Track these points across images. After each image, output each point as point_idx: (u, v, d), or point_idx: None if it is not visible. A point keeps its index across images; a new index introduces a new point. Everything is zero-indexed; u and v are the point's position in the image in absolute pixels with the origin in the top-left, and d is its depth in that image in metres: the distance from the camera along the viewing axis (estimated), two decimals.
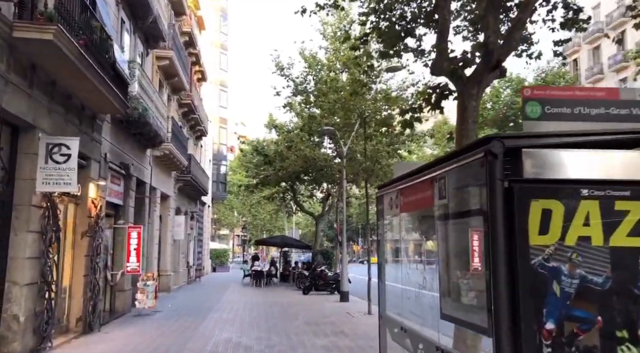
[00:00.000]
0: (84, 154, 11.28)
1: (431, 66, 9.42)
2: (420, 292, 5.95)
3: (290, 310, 16.20)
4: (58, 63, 8.36)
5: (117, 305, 14.81)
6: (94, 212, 11.73)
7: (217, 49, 43.27)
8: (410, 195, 6.02)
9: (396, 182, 6.58)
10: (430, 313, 5.65)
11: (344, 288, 19.00)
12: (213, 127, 41.33)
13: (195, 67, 29.49)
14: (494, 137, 3.91)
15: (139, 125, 14.28)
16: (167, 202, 22.54)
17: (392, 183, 6.85)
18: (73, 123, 10.41)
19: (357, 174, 23.27)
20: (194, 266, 31.89)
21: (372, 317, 14.16)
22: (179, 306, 17.09)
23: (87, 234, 11.50)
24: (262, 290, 24.48)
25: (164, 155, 19.02)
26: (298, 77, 22.23)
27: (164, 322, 13.26)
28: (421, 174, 5.62)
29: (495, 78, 9.61)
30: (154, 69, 18.66)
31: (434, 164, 5.30)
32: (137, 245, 14.82)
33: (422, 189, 5.56)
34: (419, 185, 5.69)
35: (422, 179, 5.56)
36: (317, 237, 29.83)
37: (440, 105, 10.23)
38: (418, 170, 5.85)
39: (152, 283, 14.96)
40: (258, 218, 56.02)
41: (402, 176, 6.37)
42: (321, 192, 31.95)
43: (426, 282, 5.82)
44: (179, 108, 24.52)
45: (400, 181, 6.36)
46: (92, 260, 11.57)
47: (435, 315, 5.43)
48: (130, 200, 15.39)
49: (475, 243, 4.58)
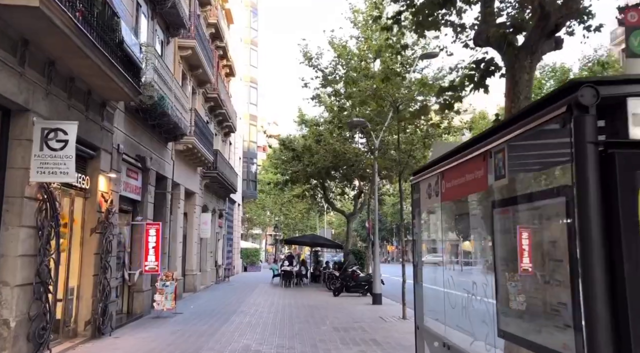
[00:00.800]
0: (93, 144, 10.45)
1: (475, 35, 8.15)
2: (469, 300, 4.73)
3: (318, 313, 15.09)
4: (51, 37, 7.46)
5: (135, 306, 14.00)
6: (104, 207, 10.88)
7: (247, 45, 42.55)
8: (455, 177, 4.80)
9: (437, 164, 5.37)
10: (483, 327, 4.43)
11: (376, 290, 17.78)
12: (243, 124, 40.66)
13: (223, 61, 28.71)
14: (584, 81, 2.70)
15: (156, 116, 13.42)
16: (192, 199, 21.75)
17: (431, 165, 5.64)
18: (77, 108, 9.54)
19: (390, 169, 22.00)
20: (223, 265, 31.16)
21: (407, 323, 12.93)
22: (201, 307, 16.20)
23: (97, 230, 10.65)
24: (291, 291, 23.44)
25: (186, 150, 18.19)
26: (327, 68, 21.08)
27: (181, 326, 12.34)
28: (471, 148, 4.40)
29: (550, 49, 8.22)
30: (176, 59, 17.85)
31: (489, 133, 4.08)
32: (156, 243, 14.01)
33: (472, 168, 4.34)
34: (467, 164, 4.47)
35: (472, 156, 4.34)
36: (348, 236, 28.62)
37: (485, 84, 8.93)
38: (466, 145, 4.62)
39: (172, 284, 14.08)
40: (289, 217, 55.16)
41: (444, 155, 5.15)
42: (352, 190, 30.75)
43: (476, 288, 4.60)
44: (205, 102, 23.73)
45: (443, 161, 5.15)
46: (102, 259, 10.71)
47: (489, 331, 4.22)
48: (149, 196, 14.57)
49: (550, 237, 3.35)
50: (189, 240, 21.53)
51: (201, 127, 19.69)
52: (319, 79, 21.51)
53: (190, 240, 21.62)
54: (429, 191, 5.66)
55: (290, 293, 21.78)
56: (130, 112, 12.64)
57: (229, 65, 29.83)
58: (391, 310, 15.76)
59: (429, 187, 5.65)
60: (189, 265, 21.43)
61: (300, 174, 24.79)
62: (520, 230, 3.69)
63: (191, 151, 18.60)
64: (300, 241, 35.47)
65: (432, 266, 5.90)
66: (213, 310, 15.65)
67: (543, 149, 3.49)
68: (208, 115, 24.55)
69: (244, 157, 40.79)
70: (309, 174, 24.37)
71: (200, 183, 22.84)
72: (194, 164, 20.84)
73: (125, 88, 10.20)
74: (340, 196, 33.01)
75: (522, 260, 3.65)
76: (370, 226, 23.31)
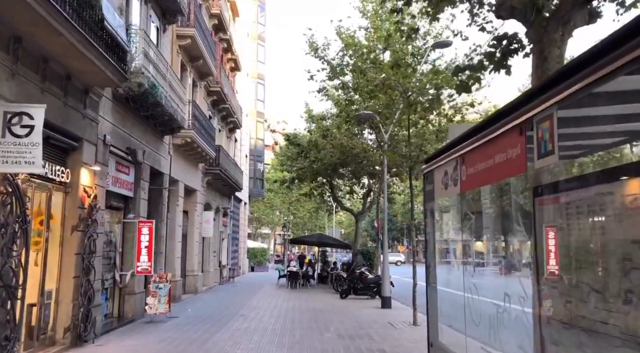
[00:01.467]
0: (74, 134, 9.55)
1: (497, 5, 7.13)
2: (499, 313, 3.72)
3: (323, 318, 14.10)
4: (10, 7, 6.54)
5: (127, 309, 13.10)
6: (87, 203, 9.98)
7: (254, 40, 41.65)
8: (480, 160, 3.78)
9: (455, 146, 4.35)
10: (519, 346, 3.45)
11: (386, 293, 16.74)
12: (250, 121, 39.77)
13: (227, 55, 27.81)
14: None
15: (148, 106, 12.50)
16: (193, 196, 20.85)
17: (447, 149, 4.62)
18: (53, 93, 8.63)
19: (400, 166, 20.94)
20: (228, 266, 30.27)
21: (419, 329, 11.91)
22: (199, 311, 15.28)
23: (78, 228, 9.75)
24: (296, 292, 22.46)
25: (185, 144, 17.28)
26: (334, 59, 20.06)
27: (173, 332, 11.42)
28: (502, 121, 3.39)
29: (584, 22, 7.15)
30: (174, 49, 16.94)
31: (527, 97, 3.07)
32: (149, 242, 13.13)
33: (505, 146, 3.32)
34: (497, 142, 3.45)
35: (504, 130, 3.33)
36: (357, 235, 27.57)
37: (507, 64, 7.91)
38: (495, 117, 3.61)
39: (165, 286, 13.17)
40: (297, 216, 54.19)
41: (465, 134, 4.13)
42: (361, 188, 29.72)
43: (509, 300, 3.60)
44: (208, 96, 22.82)
45: (463, 142, 4.14)
46: (84, 259, 9.80)
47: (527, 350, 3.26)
48: (142, 192, 13.66)
49: (629, 234, 2.34)
50: (190, 240, 20.64)
51: (201, 120, 18.79)
52: (325, 70, 20.54)
53: (191, 240, 20.72)
54: (444, 180, 4.65)
55: (295, 296, 20.81)
56: (118, 100, 11.73)
57: (233, 59, 28.93)
58: (401, 315, 14.74)
59: (444, 176, 4.64)
60: (189, 266, 20.54)
61: (306, 171, 23.80)
62: (574, 221, 2.68)
63: (190, 146, 17.69)
64: (306, 240, 34.45)
65: (449, 269, 4.90)
66: (211, 313, 14.72)
67: (618, 108, 2.48)
68: (211, 110, 23.66)
69: (250, 155, 39.90)
70: (316, 170, 23.36)
71: (202, 181, 21.93)
72: (195, 160, 19.93)
73: (107, 72, 9.29)
74: (349, 195, 31.99)
75: (579, 259, 2.65)
76: (379, 225, 22.27)
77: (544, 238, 2.95)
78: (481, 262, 4.36)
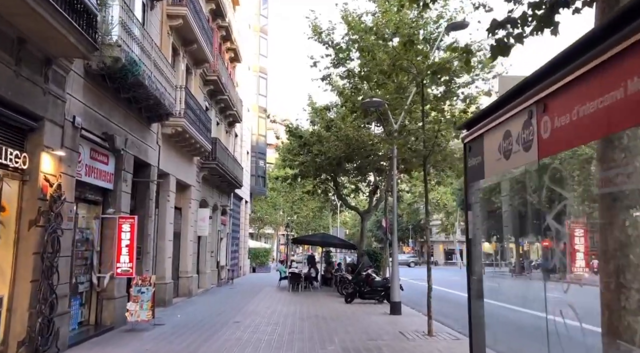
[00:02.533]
0: (31, 111, 8.09)
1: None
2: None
3: (326, 326, 12.58)
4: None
5: (105, 316, 11.64)
6: (48, 193, 8.51)
7: (257, 33, 40.20)
8: (584, 99, 2.26)
9: (527, 90, 2.83)
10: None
11: (395, 298, 15.20)
12: (252, 116, 38.33)
13: (227, 44, 26.35)
14: None
15: (127, 86, 11.04)
16: (187, 192, 19.39)
17: (509, 98, 3.11)
18: (1, 60, 7.18)
19: (409, 163, 19.38)
20: (227, 266, 28.80)
21: (436, 341, 10.41)
22: (190, 317, 13.80)
23: (38, 223, 8.28)
24: (298, 296, 20.94)
25: (176, 134, 15.81)
26: (339, 44, 18.51)
27: (153, 343, 9.94)
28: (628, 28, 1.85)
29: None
30: (164, 29, 15.47)
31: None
32: (130, 241, 11.69)
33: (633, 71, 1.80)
34: (620, 65, 1.93)
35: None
36: (362, 235, 25.99)
37: (554, 21, 6.36)
38: (608, 25, 2.07)
39: (149, 290, 11.69)
40: (301, 216, 52.70)
41: (552, 63, 2.60)
42: (367, 186, 28.15)
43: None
44: (204, 86, 21.35)
45: (548, 77, 2.61)
46: (44, 260, 8.33)
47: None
48: (124, 184, 12.19)
49: None
50: (183, 239, 19.17)
51: (195, 110, 17.31)
52: (330, 57, 19.02)
53: (185, 239, 19.25)
54: (505, 146, 3.12)
55: (297, 299, 19.29)
56: (93, 78, 10.26)
57: (233, 48, 27.45)
58: (413, 323, 13.22)
59: (505, 139, 3.11)
60: (183, 267, 19.07)
61: (309, 166, 22.26)
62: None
63: (182, 136, 16.22)
64: (309, 240, 32.92)
65: (516, 279, 3.39)
66: (202, 320, 13.24)
67: None
68: (208, 101, 22.19)
69: (252, 152, 38.43)
70: (319, 164, 21.81)
71: (197, 175, 20.46)
72: (189, 153, 18.47)
73: (71, 38, 7.82)
74: (354, 193, 30.43)
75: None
76: (387, 224, 20.74)
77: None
78: (581, 272, 2.84)
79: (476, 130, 3.61)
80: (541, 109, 2.63)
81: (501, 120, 3.15)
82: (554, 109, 2.53)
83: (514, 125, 2.98)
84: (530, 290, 2.88)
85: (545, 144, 2.62)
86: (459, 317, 16.04)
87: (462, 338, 11.14)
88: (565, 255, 3.05)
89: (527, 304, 2.67)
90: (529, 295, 2.79)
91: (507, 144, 3.09)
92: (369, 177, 26.96)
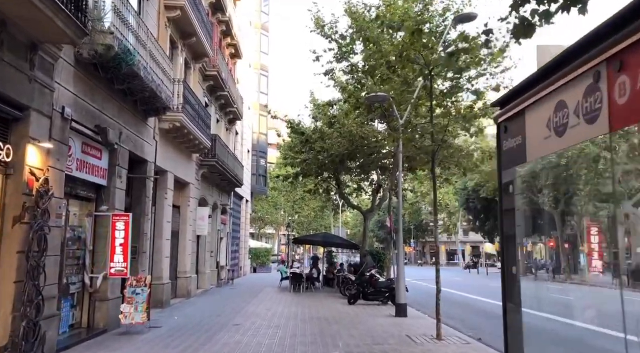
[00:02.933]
0: (15, 100, 7.56)
1: None
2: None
3: (329, 329, 12.03)
4: None
5: (98, 318, 11.09)
6: (34, 188, 7.97)
7: (258, 30, 39.66)
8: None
9: (596, 44, 2.27)
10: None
11: (400, 300, 14.65)
12: (252, 114, 37.79)
13: (227, 39, 25.80)
14: None
15: (122, 77, 10.49)
16: (186, 190, 18.85)
17: (569, 58, 2.55)
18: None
19: (414, 161, 18.82)
20: (227, 266, 28.25)
21: (445, 346, 9.85)
22: (187, 318, 13.26)
23: (22, 220, 7.74)
24: (300, 297, 20.37)
25: (174, 129, 15.26)
26: (342, 36, 17.93)
27: (148, 347, 9.40)
28: None
29: None
30: (161, 21, 14.92)
31: None
32: (124, 240, 11.15)
33: None
34: None
35: None
36: (365, 235, 25.42)
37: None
38: None
39: (144, 291, 11.15)
40: (302, 215, 52.12)
41: (628, 10, 2.04)
42: (370, 185, 27.57)
43: None
44: (203, 81, 20.80)
45: (622, 29, 2.03)
46: (29, 259, 7.78)
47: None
48: (118, 180, 11.65)
49: None
50: (182, 238, 18.62)
51: (194, 105, 16.76)
52: (332, 51, 18.46)
53: (184, 238, 18.70)
54: (559, 119, 2.57)
55: (298, 300, 18.74)
56: (84, 68, 9.72)
57: (234, 44, 26.90)
58: (420, 325, 12.67)
59: (558, 111, 2.56)
60: (181, 267, 18.52)
61: (311, 163, 21.69)
62: None
63: (180, 131, 15.67)
64: (311, 240, 32.36)
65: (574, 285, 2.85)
66: (200, 322, 12.70)
67: None
68: (207, 97, 21.65)
69: (253, 150, 37.88)
70: (321, 162, 21.24)
71: (196, 173, 19.90)
72: (187, 149, 17.92)
73: (57, 21, 7.28)
74: (357, 192, 29.85)
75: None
76: (391, 223, 20.18)
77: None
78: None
79: (514, 107, 3.06)
80: (615, 67, 2.08)
81: (551, 90, 2.60)
82: (634, 66, 1.98)
83: (570, 94, 2.43)
84: (592, 300, 2.33)
85: (620, 112, 2.07)
86: (465, 318, 15.52)
87: (472, 342, 10.61)
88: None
89: (589, 319, 2.13)
90: (592, 307, 2.24)
91: (560, 117, 2.54)
92: (372, 175, 26.41)
